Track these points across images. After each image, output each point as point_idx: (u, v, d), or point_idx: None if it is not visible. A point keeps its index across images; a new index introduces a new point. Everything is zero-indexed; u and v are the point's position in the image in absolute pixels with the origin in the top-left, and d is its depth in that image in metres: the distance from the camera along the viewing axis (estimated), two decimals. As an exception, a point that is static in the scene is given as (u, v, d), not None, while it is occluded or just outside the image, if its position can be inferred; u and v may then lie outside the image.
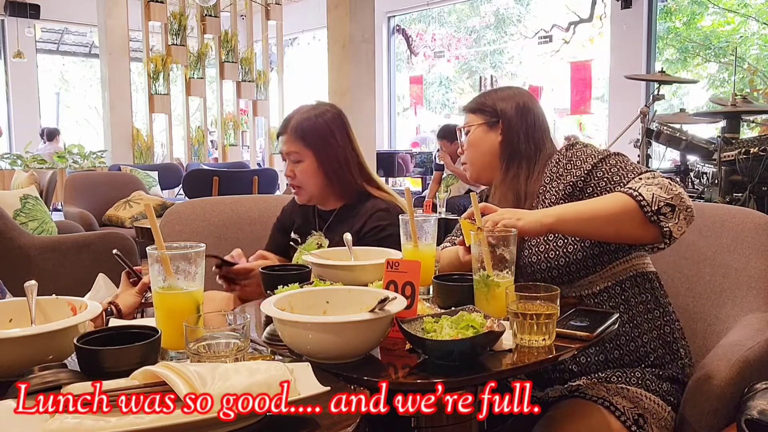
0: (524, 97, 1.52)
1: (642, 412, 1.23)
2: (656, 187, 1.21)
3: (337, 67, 6.20)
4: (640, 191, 1.21)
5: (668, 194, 1.20)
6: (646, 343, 1.33)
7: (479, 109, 1.53)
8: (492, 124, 1.50)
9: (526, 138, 1.47)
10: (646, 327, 1.34)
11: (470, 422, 1.10)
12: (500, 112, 1.49)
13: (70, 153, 7.87)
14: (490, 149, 1.50)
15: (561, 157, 1.42)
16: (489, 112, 1.51)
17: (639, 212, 1.20)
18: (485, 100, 1.53)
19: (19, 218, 3.44)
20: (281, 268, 1.30)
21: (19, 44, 10.08)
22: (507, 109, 1.50)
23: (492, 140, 1.50)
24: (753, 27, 9.80)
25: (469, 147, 1.53)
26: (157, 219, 1.07)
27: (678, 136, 3.60)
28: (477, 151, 1.51)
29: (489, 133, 1.50)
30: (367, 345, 0.97)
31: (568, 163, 1.39)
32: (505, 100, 1.51)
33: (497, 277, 1.14)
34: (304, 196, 1.73)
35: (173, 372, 0.76)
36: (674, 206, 1.20)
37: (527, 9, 13.01)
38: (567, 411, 1.23)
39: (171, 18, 8.21)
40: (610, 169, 1.33)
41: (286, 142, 1.69)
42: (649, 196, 1.20)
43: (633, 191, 1.21)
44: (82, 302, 1.01)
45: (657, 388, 1.29)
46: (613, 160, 1.34)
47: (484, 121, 1.51)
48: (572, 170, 1.37)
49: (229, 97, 9.15)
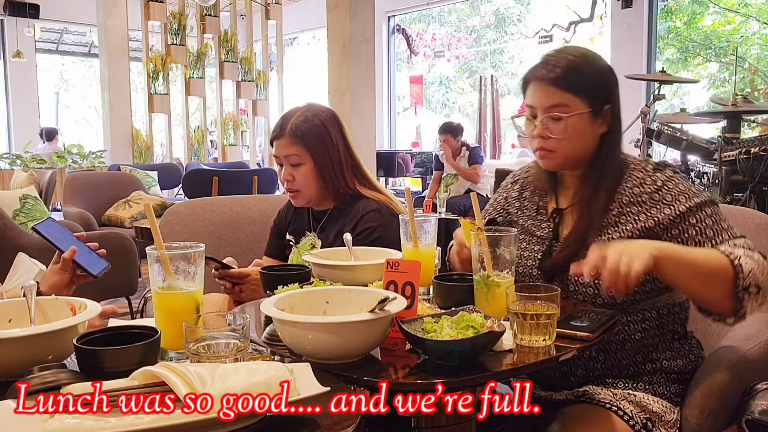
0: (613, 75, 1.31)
1: (650, 416, 1.21)
2: (753, 262, 1.13)
3: (336, 66, 6.19)
4: (741, 261, 1.12)
5: (762, 275, 1.13)
6: (665, 367, 1.31)
7: (582, 89, 1.26)
8: (597, 112, 1.28)
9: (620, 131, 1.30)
10: (669, 354, 1.31)
11: (470, 422, 1.10)
12: (609, 96, 1.28)
13: (69, 153, 7.87)
14: (591, 142, 1.29)
15: (646, 178, 1.28)
16: (595, 95, 1.27)
17: (732, 282, 1.12)
18: (586, 73, 1.27)
19: (18, 218, 3.44)
20: (281, 268, 1.30)
21: (18, 44, 10.08)
22: (615, 91, 1.30)
23: (593, 132, 1.29)
24: (754, 27, 9.80)
25: (560, 134, 1.26)
26: (156, 219, 1.07)
27: (678, 135, 3.60)
28: (569, 143, 1.28)
29: (592, 124, 1.28)
30: (367, 345, 0.97)
31: (656, 193, 1.25)
32: (607, 75, 1.30)
33: (497, 277, 1.14)
34: (301, 200, 1.71)
35: (173, 372, 0.75)
36: (761, 289, 1.13)
37: (527, 8, 13.01)
38: (576, 416, 1.21)
39: (170, 18, 8.20)
40: (705, 220, 1.22)
41: (285, 145, 1.66)
42: (747, 269, 1.12)
43: (734, 258, 1.13)
44: (82, 302, 1.01)
45: (665, 391, 1.28)
46: (709, 210, 1.23)
47: (589, 108, 1.27)
48: (660, 204, 1.24)
49: (229, 97, 9.15)
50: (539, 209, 1.41)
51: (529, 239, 1.39)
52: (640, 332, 1.29)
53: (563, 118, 1.26)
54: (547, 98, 1.27)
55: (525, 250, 1.38)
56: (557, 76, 1.26)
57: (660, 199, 1.25)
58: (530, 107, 1.31)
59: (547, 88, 1.27)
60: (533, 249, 1.37)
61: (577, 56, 1.29)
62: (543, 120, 1.28)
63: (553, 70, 1.26)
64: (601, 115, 1.29)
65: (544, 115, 1.28)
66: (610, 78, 1.31)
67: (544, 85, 1.27)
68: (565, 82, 1.26)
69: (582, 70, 1.28)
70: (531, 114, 1.31)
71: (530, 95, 1.31)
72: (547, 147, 1.29)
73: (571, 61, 1.27)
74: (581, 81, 1.27)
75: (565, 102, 1.26)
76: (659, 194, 1.25)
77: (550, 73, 1.27)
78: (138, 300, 3.48)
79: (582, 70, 1.28)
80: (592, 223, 1.28)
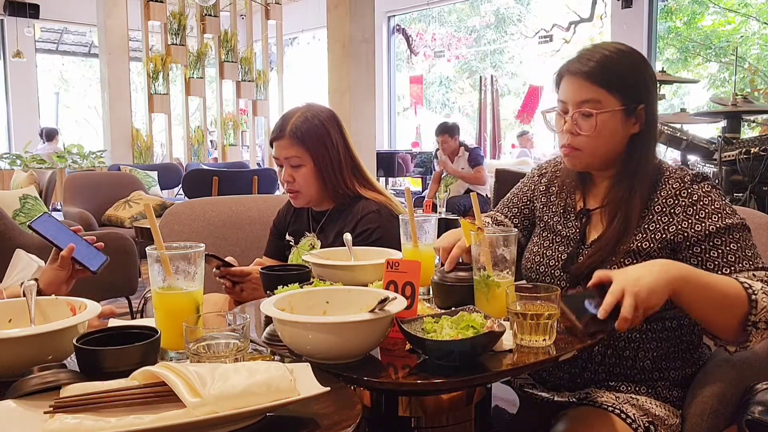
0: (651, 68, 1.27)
1: (652, 420, 1.21)
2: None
3: (337, 66, 6.20)
4: (758, 296, 1.09)
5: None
6: (673, 377, 1.29)
7: (616, 85, 1.22)
8: (630, 111, 1.23)
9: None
10: (679, 364, 1.29)
11: (470, 422, 1.10)
12: (644, 94, 1.24)
13: (69, 153, 7.87)
14: (621, 142, 1.25)
15: (682, 190, 1.23)
16: (629, 93, 1.23)
17: (743, 314, 1.09)
18: (621, 69, 1.23)
19: (18, 218, 3.44)
20: (281, 268, 1.30)
21: (18, 44, 10.08)
22: (651, 90, 1.25)
23: (624, 132, 1.25)
24: (753, 27, 9.80)
25: (589, 131, 1.23)
26: (156, 219, 1.07)
27: (678, 135, 3.60)
28: (598, 141, 1.24)
29: (624, 123, 1.24)
30: (367, 345, 0.97)
31: (691, 207, 1.20)
32: (644, 73, 1.25)
33: (497, 277, 1.13)
34: (301, 200, 1.71)
35: (173, 372, 0.75)
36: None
37: (527, 8, 13.01)
38: (579, 418, 1.21)
39: (170, 18, 8.21)
40: (730, 244, 1.17)
41: (285, 146, 1.65)
42: (762, 305, 1.08)
43: (751, 291, 1.09)
44: (82, 302, 1.01)
45: (668, 395, 1.27)
46: (737, 234, 1.18)
47: (622, 105, 1.22)
48: (692, 219, 1.20)
49: (229, 97, 9.15)
50: (567, 207, 1.36)
51: (553, 238, 1.36)
52: (656, 341, 1.26)
53: (594, 114, 1.22)
54: (579, 93, 1.23)
55: (548, 249, 1.35)
56: (590, 69, 1.22)
57: (694, 214, 1.20)
58: (562, 102, 1.28)
59: (581, 82, 1.23)
60: (557, 249, 1.34)
61: (613, 51, 1.24)
62: (573, 115, 1.24)
63: (587, 64, 1.23)
64: (634, 114, 1.24)
65: (575, 110, 1.24)
66: (646, 75, 1.26)
67: (578, 80, 1.23)
68: (599, 77, 1.21)
69: (617, 65, 1.23)
70: (562, 109, 1.28)
71: (563, 89, 1.27)
72: (575, 144, 1.25)
73: (606, 56, 1.23)
74: (616, 76, 1.22)
75: (597, 98, 1.22)
76: (693, 209, 1.20)
77: (583, 67, 1.23)
78: (138, 300, 3.48)
79: (617, 65, 1.23)
80: (626, 230, 1.23)
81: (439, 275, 1.22)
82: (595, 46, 1.27)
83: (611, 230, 1.25)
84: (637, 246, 1.23)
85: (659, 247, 1.22)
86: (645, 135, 1.26)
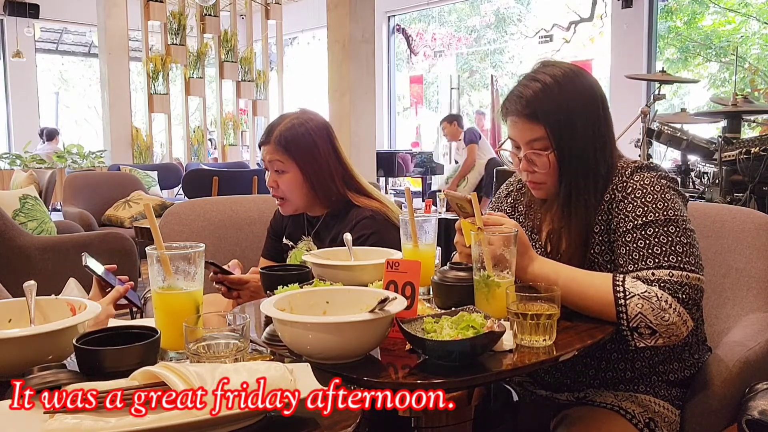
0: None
1: (652, 416, 1.21)
2: (648, 304, 1.07)
3: (337, 66, 6.19)
4: (629, 303, 1.08)
5: (656, 320, 1.07)
6: (672, 380, 1.29)
7: (554, 120, 1.21)
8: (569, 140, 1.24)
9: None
10: (677, 366, 1.30)
11: (470, 422, 1.10)
12: (587, 118, 1.24)
13: (69, 153, 7.87)
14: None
15: (619, 183, 1.22)
16: (570, 125, 1.22)
17: (612, 317, 1.10)
18: (558, 100, 1.21)
19: (18, 218, 3.43)
20: (281, 268, 1.30)
21: (18, 44, 10.07)
22: (593, 114, 1.25)
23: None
24: (754, 26, 9.80)
25: (545, 168, 1.24)
26: (156, 219, 1.07)
27: (679, 135, 3.60)
28: (557, 175, 1.25)
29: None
30: (367, 345, 0.97)
31: (622, 201, 1.19)
32: (586, 99, 1.24)
33: (497, 277, 1.13)
34: (288, 208, 1.71)
35: (173, 372, 0.75)
36: (655, 332, 1.08)
37: (528, 8, 13.00)
38: (580, 417, 1.21)
39: (170, 17, 8.21)
40: (638, 240, 1.14)
41: (270, 151, 1.66)
42: (633, 312, 1.08)
43: (622, 296, 1.09)
44: (81, 302, 1.01)
45: (666, 393, 1.27)
46: (651, 230, 1.14)
47: (562, 138, 1.23)
48: (621, 213, 1.19)
49: (229, 97, 9.15)
50: (534, 228, 1.36)
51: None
52: (650, 348, 1.22)
53: (543, 154, 1.21)
54: (524, 134, 1.22)
55: None
56: (527, 108, 1.20)
57: (623, 208, 1.19)
58: (512, 139, 1.28)
59: (522, 123, 1.22)
60: None
61: (548, 82, 1.21)
62: (527, 155, 1.23)
63: (520, 102, 1.21)
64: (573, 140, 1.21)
65: (526, 150, 1.23)
66: (587, 100, 1.23)
67: (519, 121, 1.22)
68: (536, 116, 1.20)
69: (553, 97, 1.20)
70: (515, 146, 1.27)
71: (509, 128, 1.26)
72: (536, 180, 1.26)
73: (539, 90, 1.20)
74: (553, 110, 1.19)
75: (542, 134, 1.20)
76: (624, 202, 1.19)
77: (518, 106, 1.21)
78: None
79: (553, 97, 1.20)
80: (580, 246, 1.23)
81: (439, 275, 1.22)
82: (535, 73, 1.24)
83: (568, 253, 1.24)
84: (594, 257, 1.23)
85: (603, 245, 1.22)
86: (583, 153, 1.22)
